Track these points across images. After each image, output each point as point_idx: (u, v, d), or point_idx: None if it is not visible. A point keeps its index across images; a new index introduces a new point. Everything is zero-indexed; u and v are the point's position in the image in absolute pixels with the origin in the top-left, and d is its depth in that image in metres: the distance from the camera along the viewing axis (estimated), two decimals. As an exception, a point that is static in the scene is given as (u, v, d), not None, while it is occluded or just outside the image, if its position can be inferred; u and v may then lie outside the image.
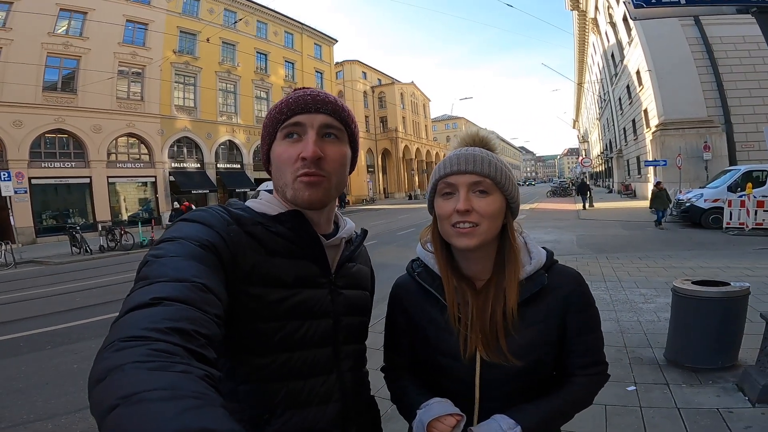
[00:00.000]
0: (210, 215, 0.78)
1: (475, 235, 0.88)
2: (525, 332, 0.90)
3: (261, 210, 0.86)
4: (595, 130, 48.41)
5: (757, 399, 2.76)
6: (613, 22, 25.21)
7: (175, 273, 0.62)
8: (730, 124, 17.54)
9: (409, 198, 47.69)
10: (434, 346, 0.97)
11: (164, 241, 0.71)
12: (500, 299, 0.91)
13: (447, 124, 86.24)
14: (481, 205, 0.88)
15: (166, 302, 0.55)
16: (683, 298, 3.33)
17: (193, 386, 0.43)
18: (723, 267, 6.87)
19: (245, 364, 0.79)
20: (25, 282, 9.82)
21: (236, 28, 27.73)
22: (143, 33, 23.51)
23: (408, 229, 16.71)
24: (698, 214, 12.53)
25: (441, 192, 0.92)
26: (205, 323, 0.56)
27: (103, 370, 0.45)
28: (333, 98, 0.88)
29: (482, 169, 0.89)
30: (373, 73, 50.46)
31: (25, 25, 18.56)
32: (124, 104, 22.56)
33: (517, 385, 0.92)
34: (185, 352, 0.49)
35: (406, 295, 1.03)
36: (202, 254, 0.68)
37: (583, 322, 0.95)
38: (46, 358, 4.66)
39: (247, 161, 29.38)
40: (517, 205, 0.96)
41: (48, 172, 19.81)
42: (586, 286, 0.97)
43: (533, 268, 0.94)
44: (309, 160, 0.81)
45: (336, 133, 0.86)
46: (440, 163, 0.95)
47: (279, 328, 0.80)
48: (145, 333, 0.49)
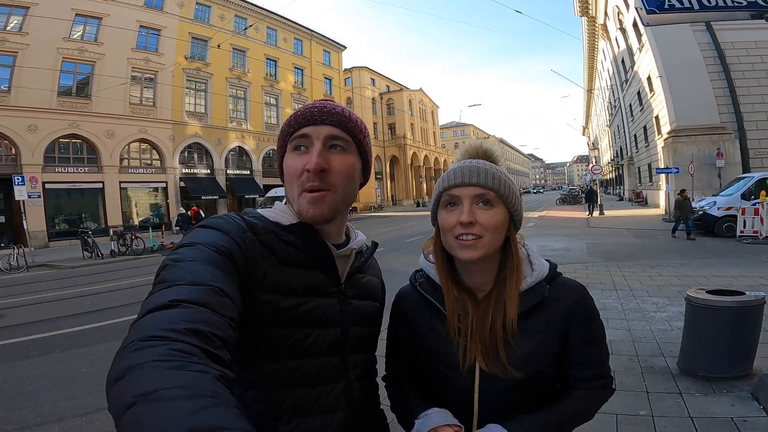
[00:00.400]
0: (226, 222, 0.80)
1: (478, 248, 0.88)
2: (525, 343, 0.90)
3: (274, 219, 0.87)
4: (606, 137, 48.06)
5: (773, 409, 2.69)
6: (623, 27, 25.07)
7: (192, 277, 0.64)
8: (743, 130, 17.29)
9: (417, 205, 47.65)
10: (434, 355, 0.97)
11: (183, 246, 0.73)
12: (500, 310, 0.92)
13: (455, 131, 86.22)
14: (484, 218, 0.89)
15: (185, 304, 0.57)
16: (697, 307, 3.28)
17: (209, 386, 0.45)
18: (737, 276, 6.75)
19: (254, 369, 0.80)
20: (37, 285, 9.95)
21: (246, 35, 28.10)
22: (156, 39, 23.90)
23: (417, 236, 16.66)
24: (711, 222, 12.36)
25: (444, 204, 0.93)
26: (221, 326, 0.58)
27: (122, 368, 0.47)
28: (340, 109, 0.88)
29: (486, 181, 0.90)
30: (381, 80, 50.72)
31: (41, 30, 18.85)
32: (136, 110, 22.88)
33: (517, 396, 0.91)
34: (202, 352, 0.50)
35: (408, 304, 1.04)
36: (218, 259, 0.70)
37: (585, 334, 0.94)
38: (55, 361, 4.70)
39: (256, 167, 29.58)
40: (520, 217, 0.96)
41: (61, 177, 20.10)
42: (590, 299, 0.97)
43: (534, 279, 0.94)
44: (312, 172, 0.82)
45: (342, 145, 0.86)
46: (444, 175, 0.96)
47: (289, 335, 0.81)
48: (164, 333, 0.51)
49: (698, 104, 17.62)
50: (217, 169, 26.94)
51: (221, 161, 27.19)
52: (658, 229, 14.64)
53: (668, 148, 18.57)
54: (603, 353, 0.97)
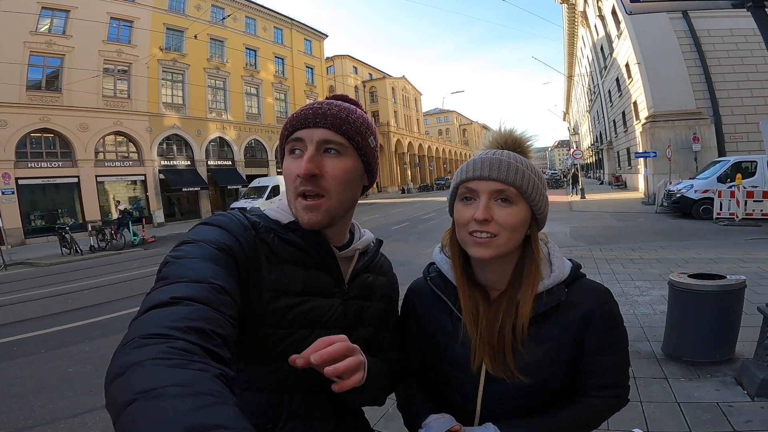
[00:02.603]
0: (229, 220, 0.79)
1: (492, 246, 0.83)
2: (535, 348, 0.86)
3: (275, 217, 0.86)
4: (585, 123, 48.63)
5: (756, 393, 2.78)
6: (602, 15, 25.24)
7: (194, 274, 0.63)
8: (719, 115, 17.69)
9: (402, 192, 47.67)
10: (441, 354, 0.94)
11: (184, 243, 0.73)
12: (512, 313, 0.87)
13: (439, 117, 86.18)
14: (501, 215, 0.83)
15: (186, 302, 0.57)
16: (680, 291, 3.35)
17: (209, 384, 0.45)
18: (716, 258, 6.95)
19: (251, 370, 0.79)
20: (16, 285, 9.67)
21: (224, 25, 27.37)
22: (128, 30, 23.06)
23: (402, 223, 16.71)
24: (689, 204, 12.66)
25: (461, 196, 0.87)
26: (221, 324, 0.58)
27: (122, 365, 0.46)
28: (336, 110, 0.84)
29: (507, 176, 0.83)
30: (364, 68, 50.21)
31: (6, 25, 18.17)
32: (110, 102, 22.20)
33: (521, 403, 0.88)
34: (203, 351, 0.50)
35: (418, 299, 1.01)
36: (219, 257, 0.70)
37: (603, 342, 0.88)
38: (41, 361, 4.60)
39: (238, 158, 29.12)
40: (544, 216, 0.90)
41: (35, 172, 19.48)
42: (612, 304, 0.90)
43: (552, 281, 0.88)
44: (303, 177, 0.80)
45: (336, 148, 0.83)
46: (463, 165, 0.90)
47: (286, 336, 0.79)
48: (165, 331, 0.51)
49: (675, 90, 17.94)
50: (197, 161, 26.42)
51: (201, 152, 26.65)
52: (638, 212, 14.96)
53: (646, 133, 18.91)
54: (623, 363, 0.92)
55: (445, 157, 70.58)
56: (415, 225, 16.02)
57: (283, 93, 33.90)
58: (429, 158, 61.69)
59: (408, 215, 19.69)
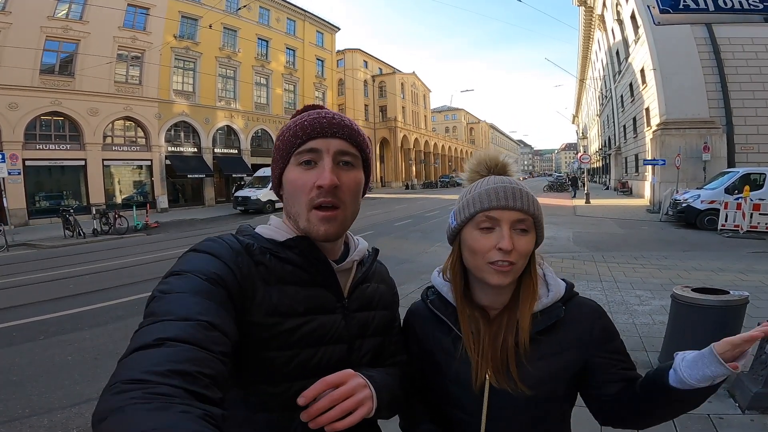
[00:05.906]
0: (219, 246, 0.77)
1: (511, 274, 0.86)
2: (537, 363, 0.88)
3: (269, 236, 0.84)
4: (595, 127, 48.29)
5: (747, 406, 2.81)
6: (621, 19, 24.96)
7: (181, 311, 0.62)
8: (732, 125, 17.49)
9: (406, 187, 47.67)
10: (444, 373, 0.95)
11: (173, 275, 0.70)
12: (513, 328, 0.90)
13: (446, 115, 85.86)
14: (521, 244, 0.85)
15: (170, 343, 0.56)
16: (683, 305, 3.32)
17: (191, 426, 0.45)
18: (717, 270, 6.90)
19: (260, 393, 0.78)
20: (18, 266, 9.71)
21: (238, 15, 27.33)
22: (144, 17, 23.09)
23: (405, 220, 16.70)
24: (694, 214, 12.56)
25: (479, 225, 0.87)
26: (209, 363, 0.57)
27: (103, 411, 0.47)
28: (348, 121, 0.85)
29: (528, 207, 0.86)
30: (374, 63, 50.05)
31: (25, 9, 18.32)
32: (121, 88, 22.28)
33: (526, 419, 0.90)
34: (186, 393, 0.50)
35: (418, 322, 1.03)
36: (209, 289, 0.68)
37: (608, 354, 0.93)
38: (40, 348, 4.57)
39: (244, 147, 29.17)
40: (542, 238, 0.93)
41: (42, 153, 19.60)
42: (606, 319, 0.95)
43: (550, 300, 0.91)
44: (326, 189, 0.78)
45: (351, 160, 0.83)
46: (477, 193, 0.89)
47: (293, 356, 0.78)
48: (146, 376, 0.50)
49: (689, 98, 17.76)
50: (204, 148, 26.47)
51: (209, 140, 26.71)
52: (642, 220, 14.87)
53: (656, 140, 18.74)
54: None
55: (450, 155, 70.35)
56: (418, 222, 15.98)
57: (293, 84, 33.89)
58: (435, 155, 61.52)
59: (411, 212, 19.68)
